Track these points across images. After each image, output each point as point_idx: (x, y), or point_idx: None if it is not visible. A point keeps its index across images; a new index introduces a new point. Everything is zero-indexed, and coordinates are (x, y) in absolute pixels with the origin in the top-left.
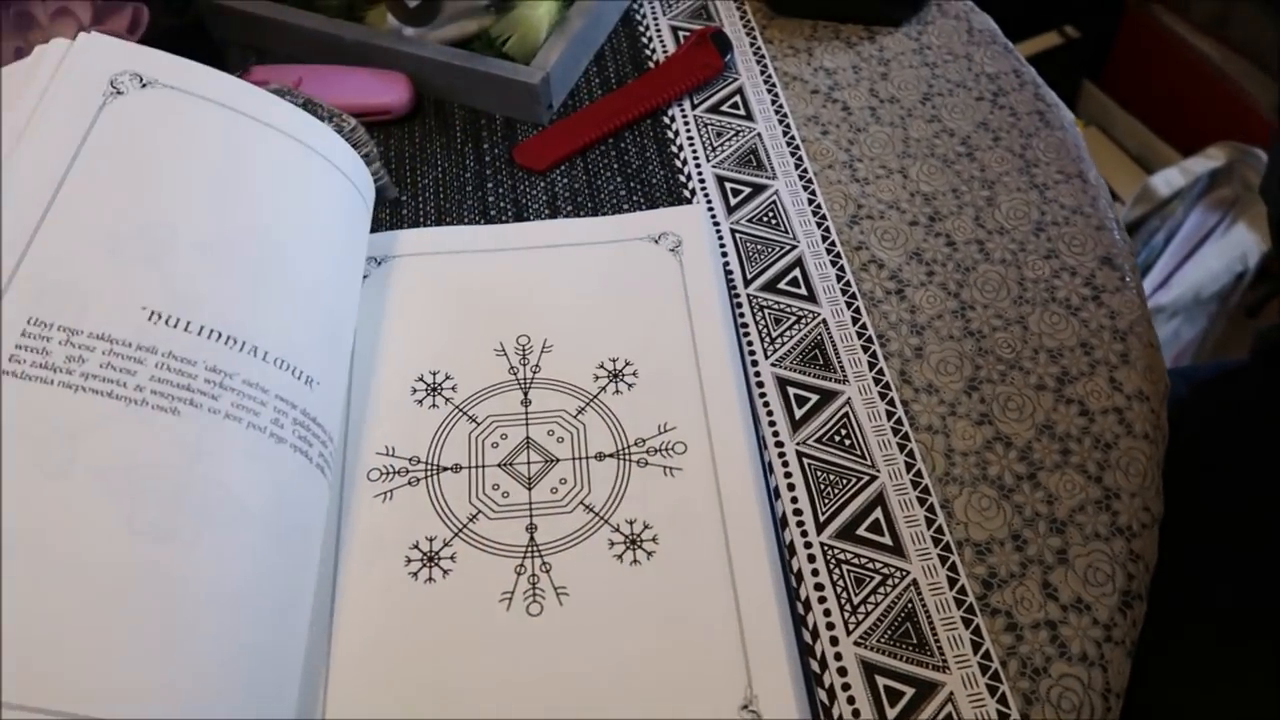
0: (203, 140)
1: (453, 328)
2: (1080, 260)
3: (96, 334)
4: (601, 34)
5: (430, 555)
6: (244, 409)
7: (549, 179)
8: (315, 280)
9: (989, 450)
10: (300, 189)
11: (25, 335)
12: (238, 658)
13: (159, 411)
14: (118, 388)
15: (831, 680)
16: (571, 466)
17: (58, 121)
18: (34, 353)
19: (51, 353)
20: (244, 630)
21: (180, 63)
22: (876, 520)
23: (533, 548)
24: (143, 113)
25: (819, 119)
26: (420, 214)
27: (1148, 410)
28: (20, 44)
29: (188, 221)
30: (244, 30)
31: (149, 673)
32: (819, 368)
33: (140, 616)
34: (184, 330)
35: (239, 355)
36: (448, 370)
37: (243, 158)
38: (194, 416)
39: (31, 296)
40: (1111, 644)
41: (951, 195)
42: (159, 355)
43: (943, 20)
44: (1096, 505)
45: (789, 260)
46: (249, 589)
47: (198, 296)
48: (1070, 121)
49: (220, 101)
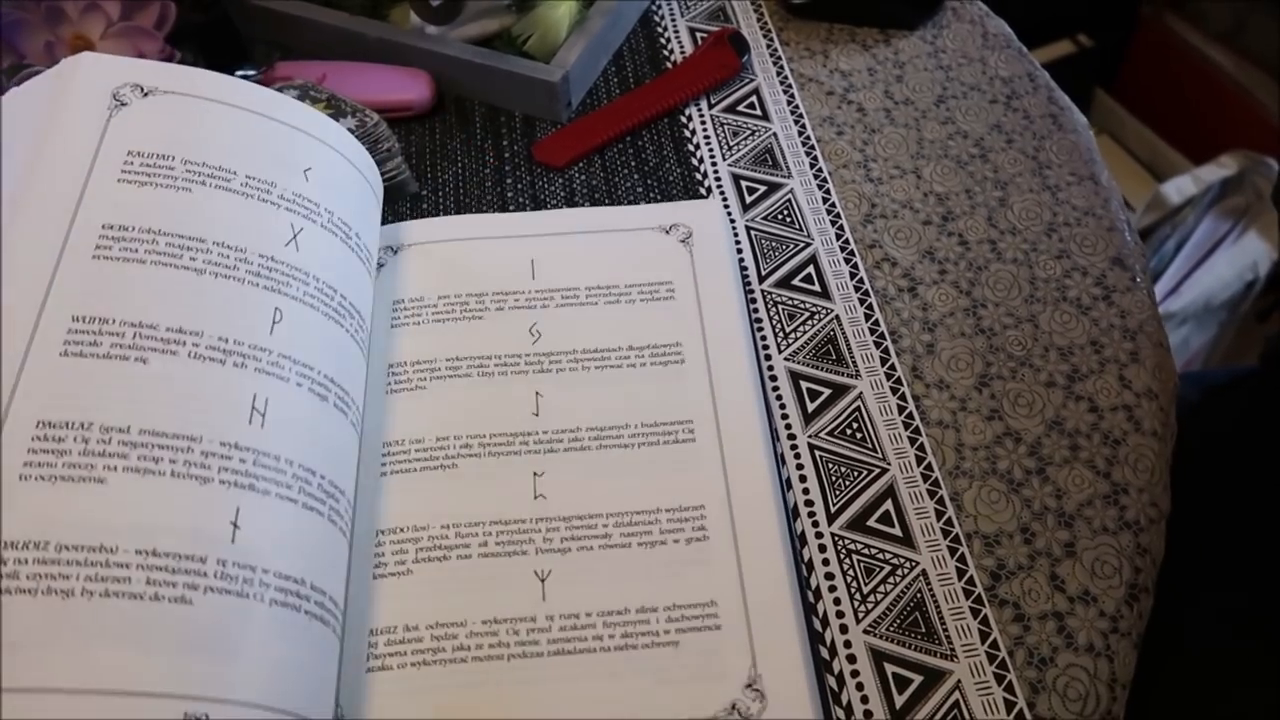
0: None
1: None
2: (1091, 260)
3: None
4: (620, 34)
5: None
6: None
7: (567, 175)
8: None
9: (999, 445)
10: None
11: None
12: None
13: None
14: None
15: (841, 667)
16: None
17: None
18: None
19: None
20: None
21: (175, 69)
22: (887, 512)
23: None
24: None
25: (834, 120)
26: (440, 208)
27: (1156, 408)
28: (50, 38)
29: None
30: (269, 27)
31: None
32: (832, 363)
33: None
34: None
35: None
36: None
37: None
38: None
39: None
40: (1118, 635)
41: (964, 195)
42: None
43: (958, 24)
44: (1104, 500)
45: (803, 257)
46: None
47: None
48: (1083, 124)
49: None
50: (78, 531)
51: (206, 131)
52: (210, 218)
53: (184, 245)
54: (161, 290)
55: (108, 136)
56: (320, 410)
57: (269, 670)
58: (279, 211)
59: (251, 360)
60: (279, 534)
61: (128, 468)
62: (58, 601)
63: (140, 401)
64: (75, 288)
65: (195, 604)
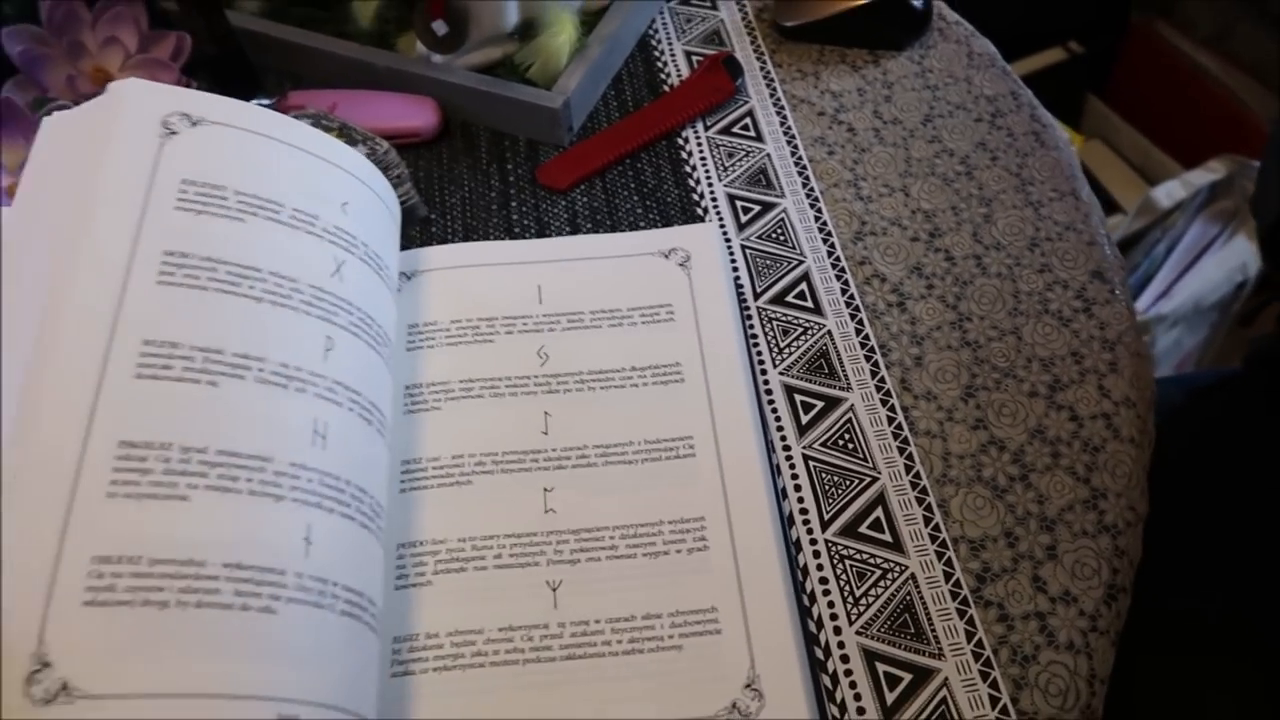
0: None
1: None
2: (1072, 274)
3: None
4: (619, 60)
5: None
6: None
7: (570, 198)
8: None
9: (984, 453)
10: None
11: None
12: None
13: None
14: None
15: (835, 666)
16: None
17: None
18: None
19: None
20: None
21: (218, 99)
22: (877, 519)
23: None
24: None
25: (825, 140)
26: (449, 231)
27: (1134, 416)
28: (72, 71)
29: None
30: (281, 57)
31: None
32: (824, 376)
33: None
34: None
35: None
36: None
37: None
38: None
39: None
40: (1097, 633)
41: (951, 212)
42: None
43: (944, 45)
44: (1084, 504)
45: (796, 275)
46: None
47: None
48: (1065, 141)
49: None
50: (168, 546)
51: (254, 163)
52: (264, 248)
53: (242, 274)
54: (224, 317)
55: (161, 164)
56: (366, 433)
57: (342, 675)
58: (323, 244)
59: (310, 386)
60: (343, 550)
61: (209, 486)
62: (155, 612)
63: (214, 423)
64: (143, 312)
65: (279, 614)
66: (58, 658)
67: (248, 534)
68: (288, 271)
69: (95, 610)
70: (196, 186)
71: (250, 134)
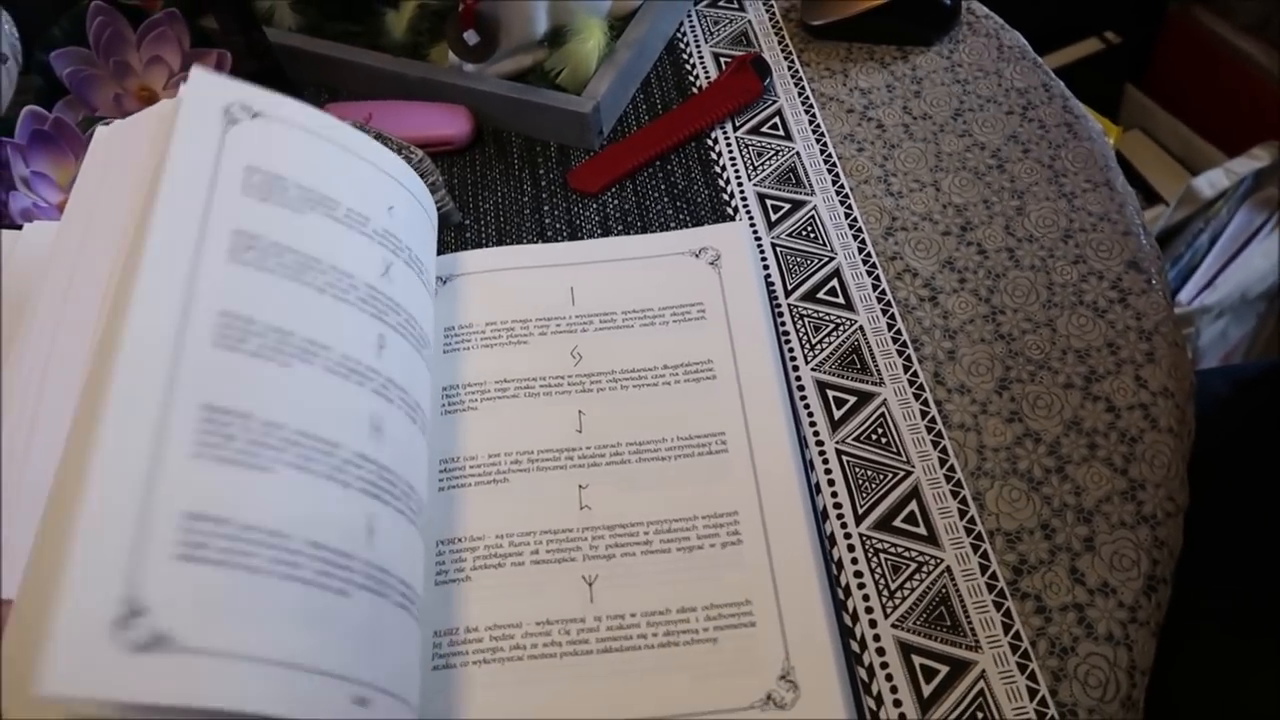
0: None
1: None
2: (1107, 265)
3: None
4: (647, 63)
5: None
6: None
7: (601, 201)
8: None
9: (1019, 446)
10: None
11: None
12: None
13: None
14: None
15: (871, 659)
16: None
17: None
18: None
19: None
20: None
21: (275, 96)
22: (912, 512)
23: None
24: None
25: (855, 137)
26: (482, 236)
27: (1172, 406)
28: (118, 90)
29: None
30: (318, 70)
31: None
32: (856, 371)
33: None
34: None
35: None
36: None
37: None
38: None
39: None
40: (1136, 625)
41: (982, 206)
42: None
43: (973, 38)
44: (1122, 496)
45: (827, 271)
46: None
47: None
48: (1098, 132)
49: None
50: (256, 514)
51: (312, 160)
52: (324, 242)
53: (305, 264)
54: (293, 302)
55: (227, 147)
56: (412, 432)
57: (397, 664)
58: (373, 245)
59: (368, 381)
60: (399, 543)
61: (289, 463)
62: (247, 576)
63: (290, 402)
64: (217, 284)
65: (351, 598)
66: (154, 606)
67: (325, 515)
68: (345, 267)
69: (189, 566)
70: (260, 174)
71: (306, 132)
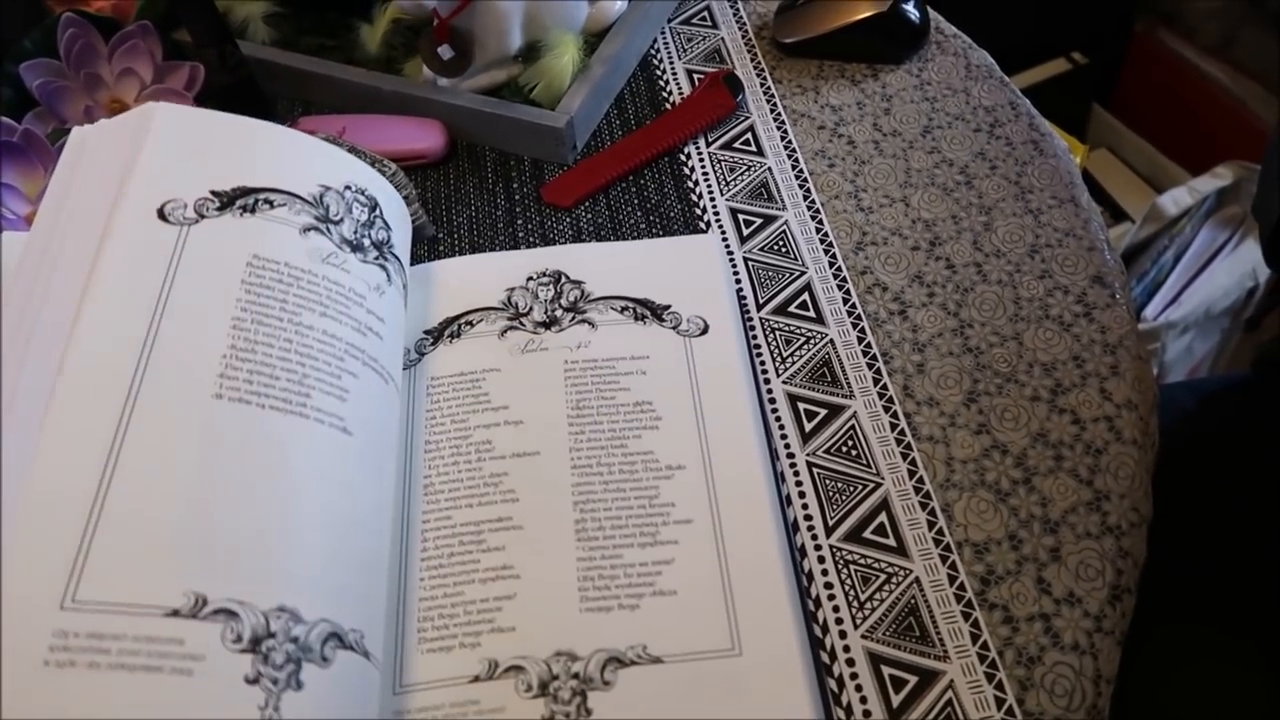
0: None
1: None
2: (1072, 279)
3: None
4: (621, 79)
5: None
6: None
7: (575, 215)
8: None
9: (986, 458)
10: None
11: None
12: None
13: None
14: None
15: (840, 670)
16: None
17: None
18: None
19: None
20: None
21: (237, 120)
22: (881, 524)
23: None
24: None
25: (826, 153)
26: (456, 250)
27: (1136, 418)
28: (89, 103)
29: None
30: (291, 84)
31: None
32: (827, 384)
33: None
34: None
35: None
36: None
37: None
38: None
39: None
40: (1102, 634)
41: (951, 221)
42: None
43: (942, 57)
44: (1088, 506)
45: (799, 285)
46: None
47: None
48: (1063, 149)
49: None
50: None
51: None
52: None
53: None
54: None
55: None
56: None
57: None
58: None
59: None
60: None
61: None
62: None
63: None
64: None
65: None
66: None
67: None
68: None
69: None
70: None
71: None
